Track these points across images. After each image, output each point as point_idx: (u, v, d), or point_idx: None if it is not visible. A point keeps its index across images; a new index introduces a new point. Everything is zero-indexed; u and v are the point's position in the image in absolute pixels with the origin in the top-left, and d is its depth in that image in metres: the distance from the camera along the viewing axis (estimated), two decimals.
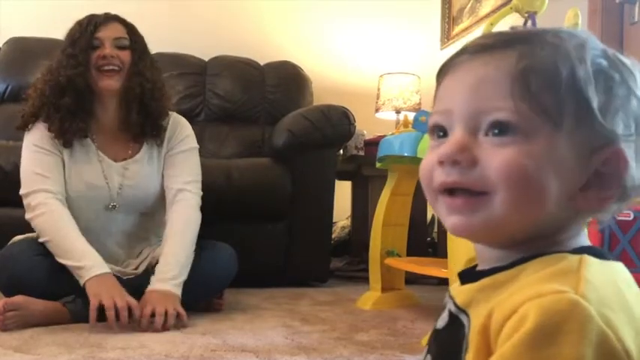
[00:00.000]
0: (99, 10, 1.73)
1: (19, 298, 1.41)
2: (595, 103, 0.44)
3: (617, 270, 0.46)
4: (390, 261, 1.87)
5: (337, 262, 2.70)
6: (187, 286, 1.57)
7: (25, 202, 1.56)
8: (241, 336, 1.39)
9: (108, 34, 1.60)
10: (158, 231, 1.72)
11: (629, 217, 1.00)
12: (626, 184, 0.45)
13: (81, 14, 1.73)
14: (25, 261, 1.50)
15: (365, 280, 2.17)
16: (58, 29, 2.51)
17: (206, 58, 2.88)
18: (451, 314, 0.50)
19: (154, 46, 1.82)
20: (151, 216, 1.71)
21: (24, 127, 1.63)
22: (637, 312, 0.42)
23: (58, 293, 1.50)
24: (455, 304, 0.49)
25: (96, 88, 1.59)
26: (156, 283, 1.49)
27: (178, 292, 1.50)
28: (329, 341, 1.37)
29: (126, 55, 1.61)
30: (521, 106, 0.44)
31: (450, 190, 0.47)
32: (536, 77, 0.45)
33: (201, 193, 1.72)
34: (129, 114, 1.63)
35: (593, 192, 0.45)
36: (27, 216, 1.55)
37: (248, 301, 1.86)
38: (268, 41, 3.14)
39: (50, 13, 2.88)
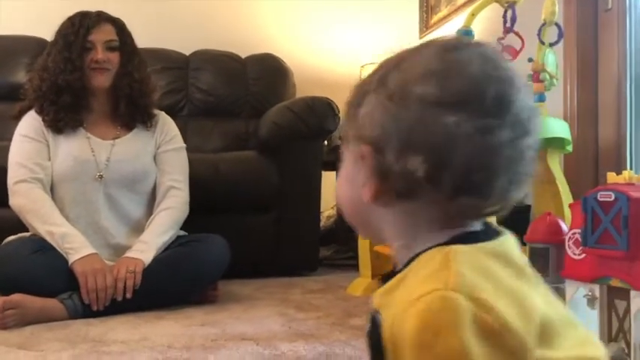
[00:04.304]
0: (78, 8, 1.77)
1: (17, 297, 1.42)
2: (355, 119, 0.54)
3: (491, 249, 0.50)
4: (379, 247, 1.91)
5: (325, 250, 2.74)
6: (183, 277, 1.63)
7: (9, 191, 1.66)
8: (239, 325, 1.43)
9: (99, 37, 1.71)
10: None
11: (611, 197, 1.05)
12: (386, 175, 0.51)
13: (58, 11, 1.77)
14: (20, 260, 1.52)
15: (353, 267, 2.21)
16: (37, 27, 2.51)
17: (187, 53, 2.88)
18: (370, 315, 0.54)
19: (136, 42, 1.86)
20: (142, 196, 1.77)
21: (18, 117, 1.75)
22: (513, 284, 0.47)
23: (54, 290, 1.51)
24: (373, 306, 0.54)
25: (89, 85, 1.72)
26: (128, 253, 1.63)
27: (144, 258, 1.60)
28: (325, 327, 1.41)
29: (115, 57, 1.74)
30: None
31: None
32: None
33: (188, 192, 1.82)
34: (118, 107, 1.77)
35: (365, 186, 0.53)
36: (10, 201, 1.65)
37: (241, 291, 1.89)
38: (249, 34, 3.15)
39: (28, 11, 2.85)
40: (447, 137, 0.47)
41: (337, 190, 0.60)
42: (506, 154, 0.48)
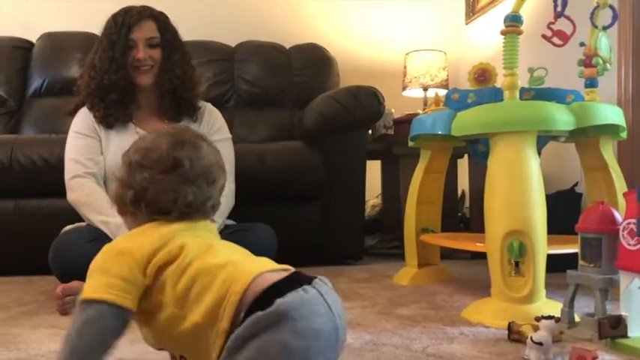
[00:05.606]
0: (126, 2, 1.79)
1: (75, 284, 1.48)
2: None
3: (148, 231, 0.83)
4: (426, 237, 1.90)
5: (370, 239, 2.75)
6: None
7: (66, 186, 1.72)
8: None
9: (140, 34, 1.73)
10: None
11: None
12: (124, 199, 0.86)
13: (108, 7, 1.80)
14: (77, 247, 1.57)
15: (398, 256, 2.21)
16: (87, 23, 2.59)
17: (232, 44, 2.92)
18: None
19: (182, 35, 1.88)
20: None
21: (74, 112, 1.83)
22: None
23: None
24: None
25: (134, 82, 1.77)
26: None
27: None
28: (371, 316, 1.42)
29: (157, 53, 1.76)
30: None
31: None
32: None
33: (234, 182, 1.81)
34: (163, 102, 1.81)
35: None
36: (68, 196, 1.71)
37: None
38: (293, 24, 3.16)
39: (79, 8, 2.94)
40: (143, 182, 0.84)
41: None
42: (179, 194, 0.83)
